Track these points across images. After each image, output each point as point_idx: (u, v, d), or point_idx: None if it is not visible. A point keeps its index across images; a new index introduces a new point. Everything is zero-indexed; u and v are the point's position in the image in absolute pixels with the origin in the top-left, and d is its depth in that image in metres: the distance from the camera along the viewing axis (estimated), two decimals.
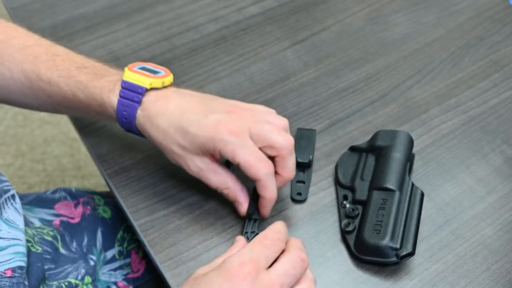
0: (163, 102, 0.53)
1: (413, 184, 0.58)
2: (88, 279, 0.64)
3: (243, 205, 0.56)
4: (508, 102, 0.71)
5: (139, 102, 0.53)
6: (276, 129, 0.53)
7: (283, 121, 0.55)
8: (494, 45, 0.77)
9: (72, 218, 0.69)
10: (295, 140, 0.64)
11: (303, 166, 0.62)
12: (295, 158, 0.55)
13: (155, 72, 0.55)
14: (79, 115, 0.60)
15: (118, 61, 0.73)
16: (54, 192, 0.73)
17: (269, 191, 0.53)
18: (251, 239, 0.55)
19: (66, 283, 0.61)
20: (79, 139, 0.67)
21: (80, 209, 0.70)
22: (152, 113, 0.52)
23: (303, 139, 0.64)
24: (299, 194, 0.61)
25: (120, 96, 0.53)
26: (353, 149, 0.63)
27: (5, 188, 0.57)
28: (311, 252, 0.57)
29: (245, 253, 0.45)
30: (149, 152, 0.64)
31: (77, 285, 0.62)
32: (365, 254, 0.55)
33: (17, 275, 0.52)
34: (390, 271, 0.56)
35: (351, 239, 0.56)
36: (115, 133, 0.66)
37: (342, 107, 0.69)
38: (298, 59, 0.74)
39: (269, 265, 0.46)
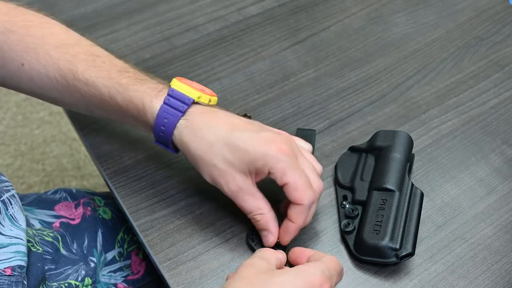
0: (210, 116, 0.52)
1: (412, 185, 0.58)
2: (88, 280, 0.64)
3: (274, 235, 0.53)
4: (508, 102, 0.71)
5: (183, 112, 0.51)
6: (316, 171, 0.54)
7: (320, 167, 0.56)
8: (494, 45, 0.77)
9: (72, 219, 0.69)
10: None
11: None
12: None
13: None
14: (111, 118, 0.58)
15: None
16: (55, 192, 0.73)
17: (303, 218, 0.52)
18: (257, 242, 0.56)
19: (66, 284, 0.61)
20: (79, 139, 0.67)
21: (80, 210, 0.70)
22: (197, 125, 0.51)
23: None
24: None
25: (164, 103, 0.51)
26: (352, 149, 0.63)
27: (5, 188, 0.57)
28: None
29: (326, 271, 0.46)
30: (149, 152, 0.64)
31: (77, 286, 0.62)
32: (365, 254, 0.55)
33: (17, 274, 0.52)
34: (390, 272, 0.56)
35: (351, 239, 0.56)
36: (115, 133, 0.66)
37: (342, 107, 0.69)
38: (298, 59, 0.74)
39: None
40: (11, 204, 0.56)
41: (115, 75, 0.53)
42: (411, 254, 0.54)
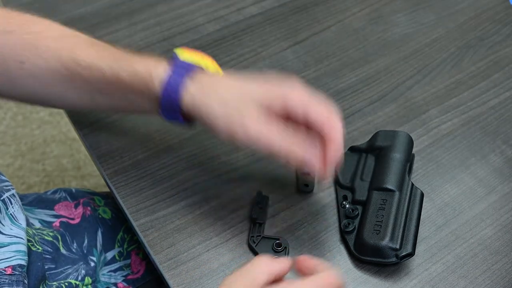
0: (220, 77, 0.51)
1: (413, 185, 0.58)
2: (88, 280, 0.64)
3: (317, 161, 0.49)
4: (508, 102, 0.71)
5: (191, 75, 0.51)
6: None
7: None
8: (494, 46, 0.77)
9: (72, 219, 0.69)
10: None
11: None
12: None
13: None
14: (116, 104, 0.57)
15: None
16: (55, 192, 0.73)
17: (337, 145, 0.49)
18: (258, 243, 0.56)
19: (66, 284, 0.61)
20: (79, 139, 0.67)
21: (80, 209, 0.70)
22: (208, 82, 0.51)
23: None
24: (306, 185, 0.61)
25: (171, 69, 0.51)
26: (353, 149, 0.63)
27: (5, 188, 0.57)
28: (310, 253, 0.57)
29: None
30: (149, 152, 0.64)
31: (77, 285, 0.62)
32: (365, 254, 0.55)
33: (17, 273, 0.52)
34: (390, 272, 0.56)
35: (351, 239, 0.56)
36: (115, 133, 0.66)
37: (342, 107, 0.69)
38: (298, 59, 0.74)
39: None
40: (11, 204, 0.56)
41: (118, 55, 0.54)
42: (411, 254, 0.54)
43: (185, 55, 0.52)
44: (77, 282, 0.62)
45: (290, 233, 0.58)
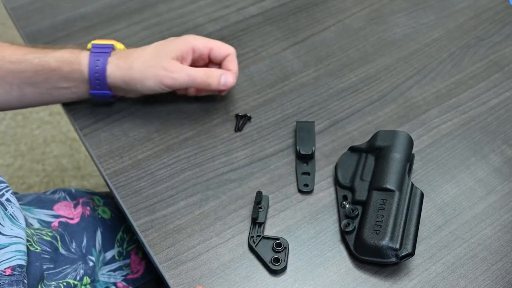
0: (132, 50, 0.63)
1: (412, 185, 0.58)
2: (86, 279, 0.64)
3: (232, 76, 0.64)
4: (508, 102, 0.71)
5: (109, 52, 0.61)
6: None
7: None
8: (494, 46, 0.77)
9: (71, 219, 0.69)
10: (295, 133, 0.64)
11: (306, 158, 0.63)
12: (299, 150, 0.60)
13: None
14: (45, 93, 0.63)
15: None
16: (54, 192, 0.73)
17: (236, 64, 0.65)
18: (258, 243, 0.56)
19: (65, 283, 0.61)
20: (79, 139, 0.67)
21: (79, 209, 0.70)
22: (126, 53, 0.62)
23: (303, 131, 0.64)
24: (306, 185, 0.61)
25: (92, 51, 0.61)
26: (352, 149, 0.63)
27: (1, 190, 0.57)
28: (310, 252, 0.57)
29: None
30: (149, 152, 0.64)
31: (75, 285, 0.62)
32: (365, 254, 0.55)
33: (17, 273, 0.52)
34: (390, 272, 0.56)
35: (351, 239, 0.56)
36: (115, 133, 0.66)
37: (342, 107, 0.69)
38: (297, 59, 0.74)
39: None
40: (10, 204, 0.56)
41: (44, 50, 0.62)
42: (411, 254, 0.54)
43: (100, 42, 0.63)
44: (76, 282, 0.62)
45: (290, 233, 0.58)
